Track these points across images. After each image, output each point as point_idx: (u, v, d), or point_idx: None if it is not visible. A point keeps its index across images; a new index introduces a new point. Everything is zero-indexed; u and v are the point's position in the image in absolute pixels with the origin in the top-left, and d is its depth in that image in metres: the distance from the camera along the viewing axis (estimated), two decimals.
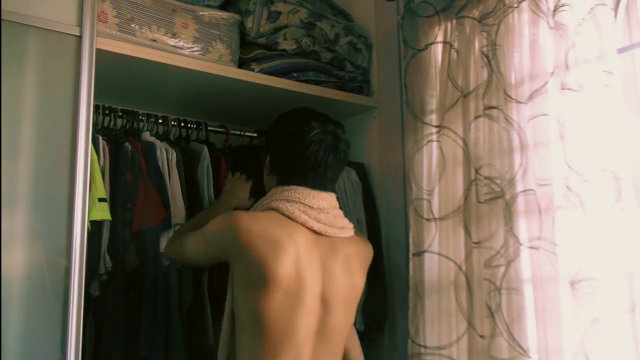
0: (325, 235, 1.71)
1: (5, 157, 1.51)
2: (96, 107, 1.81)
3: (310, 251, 1.66)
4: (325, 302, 1.67)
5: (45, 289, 1.52)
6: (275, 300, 1.58)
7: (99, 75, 1.68)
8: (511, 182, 1.85)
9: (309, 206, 1.69)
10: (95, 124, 1.68)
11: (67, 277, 1.53)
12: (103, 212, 1.70)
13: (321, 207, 1.71)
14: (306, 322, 1.62)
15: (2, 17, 1.54)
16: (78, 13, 1.64)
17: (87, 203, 1.59)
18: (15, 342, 1.47)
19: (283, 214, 1.67)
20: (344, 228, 1.76)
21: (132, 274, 1.85)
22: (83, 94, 1.61)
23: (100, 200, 1.70)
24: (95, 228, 1.73)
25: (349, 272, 1.74)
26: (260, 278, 1.58)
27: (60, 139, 1.59)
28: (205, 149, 2.12)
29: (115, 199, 1.84)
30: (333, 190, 1.79)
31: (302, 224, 1.67)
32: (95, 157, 1.74)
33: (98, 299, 1.80)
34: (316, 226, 1.68)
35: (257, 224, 1.63)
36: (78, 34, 1.63)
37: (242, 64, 2.21)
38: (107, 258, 1.77)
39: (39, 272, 1.52)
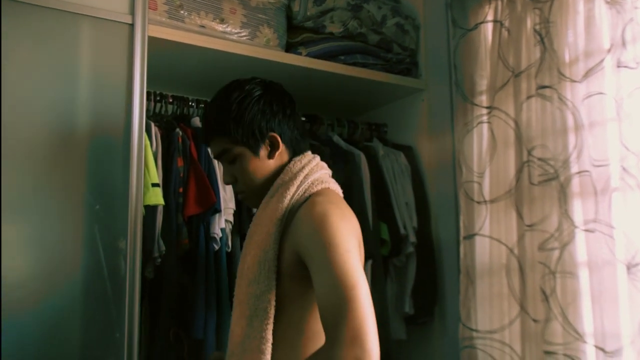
0: None
1: (63, 145, 1.55)
2: (147, 94, 1.84)
3: None
4: None
5: (102, 272, 1.56)
6: None
7: (149, 62, 1.71)
8: (565, 163, 1.81)
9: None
10: (147, 111, 1.71)
11: (123, 261, 1.57)
12: (156, 197, 1.73)
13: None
14: None
15: (56, 7, 1.57)
16: (130, 1, 1.66)
17: (141, 188, 1.62)
18: (76, 322, 1.52)
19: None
20: None
21: (185, 258, 1.89)
22: (136, 81, 1.64)
23: (154, 185, 1.73)
24: (149, 213, 1.76)
25: None
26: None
27: (114, 125, 1.63)
28: None
29: (168, 184, 1.87)
30: None
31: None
32: (148, 143, 1.77)
33: (152, 282, 1.84)
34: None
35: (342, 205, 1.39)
36: (130, 22, 1.65)
37: (289, 48, 2.21)
38: (161, 242, 1.80)
39: (96, 256, 1.56)
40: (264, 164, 1.42)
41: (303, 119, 2.40)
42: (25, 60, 1.54)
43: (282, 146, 1.43)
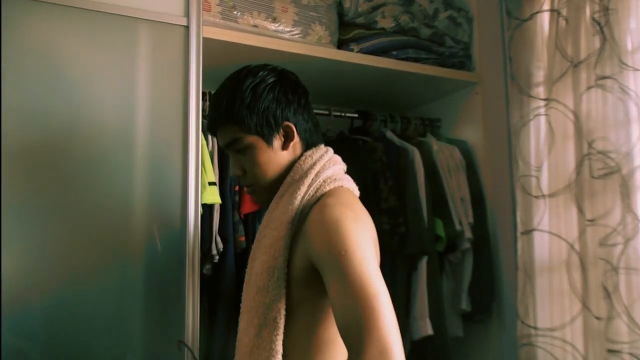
0: None
1: (122, 146, 1.60)
2: (203, 94, 1.87)
3: None
4: None
5: (161, 270, 1.59)
6: None
7: (204, 62, 1.73)
8: (628, 155, 1.75)
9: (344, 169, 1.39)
10: (202, 110, 1.74)
11: (182, 259, 1.60)
12: (213, 196, 1.76)
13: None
14: None
15: (115, 12, 1.61)
16: (185, 4, 1.69)
17: (199, 187, 1.65)
18: (137, 320, 1.57)
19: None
20: None
21: (242, 255, 1.91)
22: (192, 81, 1.67)
23: (211, 184, 1.76)
24: (206, 211, 1.80)
25: None
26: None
27: (172, 126, 1.66)
28: None
29: (223, 183, 1.90)
30: None
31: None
32: (205, 142, 1.80)
33: (210, 279, 1.87)
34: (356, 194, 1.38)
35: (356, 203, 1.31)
36: (185, 24, 1.69)
37: (341, 44, 2.21)
38: (219, 240, 1.83)
39: (155, 255, 1.60)
40: (277, 155, 1.33)
41: (355, 115, 2.40)
42: (87, 64, 1.59)
43: (296, 137, 1.34)
